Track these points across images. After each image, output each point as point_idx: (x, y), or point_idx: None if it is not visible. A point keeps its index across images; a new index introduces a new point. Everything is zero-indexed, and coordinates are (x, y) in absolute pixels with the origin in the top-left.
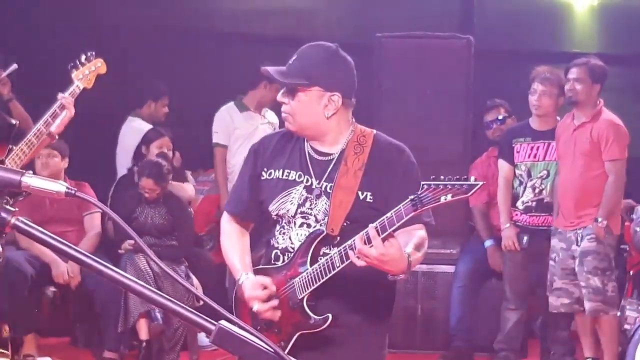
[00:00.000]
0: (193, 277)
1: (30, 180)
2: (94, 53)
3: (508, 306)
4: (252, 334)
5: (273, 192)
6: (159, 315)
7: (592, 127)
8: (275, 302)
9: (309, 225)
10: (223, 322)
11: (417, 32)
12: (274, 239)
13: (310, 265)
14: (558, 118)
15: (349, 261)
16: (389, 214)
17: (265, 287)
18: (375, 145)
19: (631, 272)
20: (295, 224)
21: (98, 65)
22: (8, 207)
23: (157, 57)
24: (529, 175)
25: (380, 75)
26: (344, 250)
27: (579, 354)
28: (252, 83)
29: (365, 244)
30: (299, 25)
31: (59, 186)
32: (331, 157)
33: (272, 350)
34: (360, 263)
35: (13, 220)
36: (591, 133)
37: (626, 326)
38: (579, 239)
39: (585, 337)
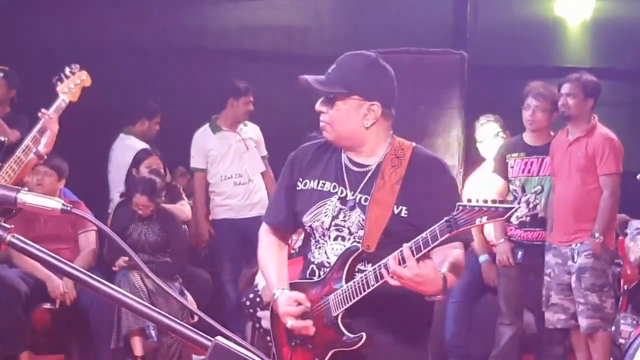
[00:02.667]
0: (187, 293)
1: (26, 197)
2: (77, 66)
3: (503, 321)
4: (248, 349)
5: (308, 203)
6: (153, 333)
7: (587, 141)
8: (309, 322)
9: (343, 238)
10: (219, 338)
11: (410, 47)
12: (310, 253)
13: (346, 282)
14: (552, 133)
15: (383, 280)
16: (423, 234)
17: (299, 304)
18: (413, 158)
19: (625, 287)
20: (329, 237)
21: (83, 78)
22: (4, 224)
23: (149, 75)
24: (523, 190)
25: None
26: (378, 269)
27: None
28: (220, 102)
29: (399, 264)
30: (291, 41)
31: (55, 203)
32: (368, 169)
33: None
34: (394, 283)
35: (9, 238)
36: (586, 147)
37: (621, 340)
38: (575, 254)
39: (581, 352)
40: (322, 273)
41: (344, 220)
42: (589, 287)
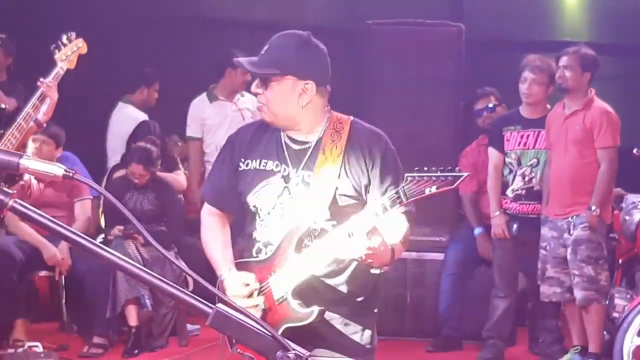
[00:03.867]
0: (182, 262)
1: (28, 162)
2: (74, 33)
3: (497, 294)
4: (249, 316)
5: (251, 183)
6: (147, 302)
7: (584, 115)
8: (259, 301)
9: (288, 216)
10: (220, 306)
11: (407, 19)
12: (255, 231)
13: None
14: (548, 106)
15: (333, 255)
16: (373, 207)
17: (247, 284)
18: (352, 131)
19: (620, 261)
20: (275, 215)
21: (79, 46)
22: (6, 189)
23: (145, 44)
24: (519, 163)
25: (370, 62)
26: (327, 244)
27: (567, 341)
28: (218, 71)
29: (349, 237)
30: (288, 11)
31: (57, 169)
32: (308, 146)
33: (269, 332)
34: (344, 257)
35: (11, 203)
36: (584, 121)
37: (615, 314)
38: (571, 227)
39: (574, 325)
40: (268, 251)
41: (289, 198)
42: (585, 259)
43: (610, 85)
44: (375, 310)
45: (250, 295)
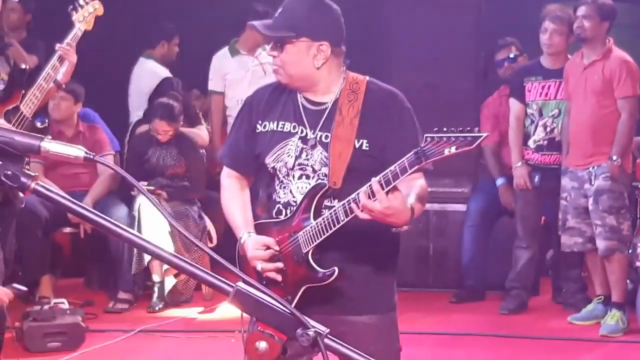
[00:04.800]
0: (206, 217)
1: (49, 145)
2: None
3: (520, 244)
4: (268, 294)
5: (269, 145)
6: None
7: (603, 64)
8: (279, 264)
9: (307, 177)
10: (240, 284)
11: None
12: (275, 193)
13: (314, 219)
14: (569, 56)
15: (353, 215)
16: (392, 167)
17: (267, 247)
18: (368, 92)
19: None
20: (294, 176)
21: (96, 7)
22: (29, 172)
23: None
24: (540, 114)
25: (389, 13)
26: (347, 204)
27: (590, 291)
28: (239, 25)
29: (369, 197)
30: None
31: (78, 151)
32: (325, 107)
33: (289, 311)
34: (364, 216)
35: (33, 185)
36: (603, 71)
37: (638, 263)
38: (592, 177)
39: (597, 275)
40: (288, 212)
41: (307, 159)
42: (607, 209)
43: (629, 32)
44: (396, 268)
45: (270, 258)
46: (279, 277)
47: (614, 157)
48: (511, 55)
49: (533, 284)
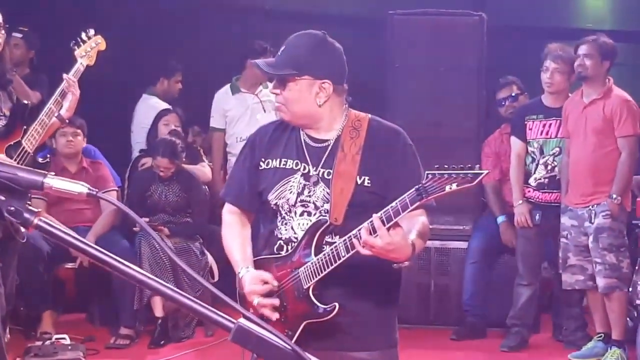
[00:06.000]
0: (208, 254)
1: (52, 181)
2: (92, 30)
3: (521, 282)
4: (270, 331)
5: (271, 182)
6: None
7: (604, 103)
8: (276, 300)
9: (309, 214)
10: (242, 320)
11: (429, 9)
12: (277, 229)
13: (315, 255)
14: (570, 95)
15: (354, 251)
16: (393, 204)
17: (265, 282)
18: (370, 128)
19: None
20: (296, 213)
21: (98, 42)
22: (32, 208)
23: (168, 35)
24: (542, 152)
25: (393, 52)
26: (349, 240)
27: (591, 329)
28: (241, 63)
29: (370, 234)
30: (311, 1)
31: (81, 187)
32: (327, 144)
33: (290, 347)
34: (365, 252)
35: (36, 221)
36: (604, 110)
37: (638, 301)
38: (592, 215)
39: (597, 313)
40: (289, 248)
41: (309, 196)
42: (607, 247)
43: (630, 71)
44: (397, 304)
45: (267, 293)
46: (275, 315)
47: (614, 196)
48: (512, 94)
49: (534, 321)
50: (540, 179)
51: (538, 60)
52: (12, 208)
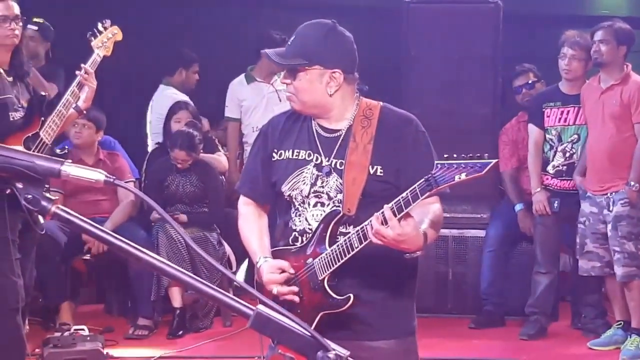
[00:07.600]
0: (225, 244)
1: (69, 168)
2: (109, 21)
3: (539, 270)
4: (288, 317)
5: (285, 173)
6: None
7: (621, 89)
8: (295, 288)
9: (322, 204)
10: (261, 307)
11: None
12: (291, 220)
13: (329, 246)
14: (587, 81)
15: (367, 241)
16: (404, 194)
17: (283, 271)
18: (382, 117)
19: None
20: (309, 204)
21: (115, 33)
22: (49, 195)
23: (184, 25)
24: (560, 139)
25: (409, 41)
26: (361, 231)
27: (610, 317)
28: (256, 53)
29: (382, 224)
30: None
31: (98, 175)
32: (339, 134)
33: (309, 333)
34: (378, 242)
35: (54, 209)
36: (621, 95)
37: None
38: (610, 203)
39: (616, 300)
40: (304, 239)
41: (322, 187)
42: (626, 235)
43: None
44: (414, 292)
45: (286, 282)
46: (296, 299)
47: (632, 183)
48: (529, 82)
49: (552, 309)
50: (558, 167)
51: (554, 48)
52: (30, 196)
